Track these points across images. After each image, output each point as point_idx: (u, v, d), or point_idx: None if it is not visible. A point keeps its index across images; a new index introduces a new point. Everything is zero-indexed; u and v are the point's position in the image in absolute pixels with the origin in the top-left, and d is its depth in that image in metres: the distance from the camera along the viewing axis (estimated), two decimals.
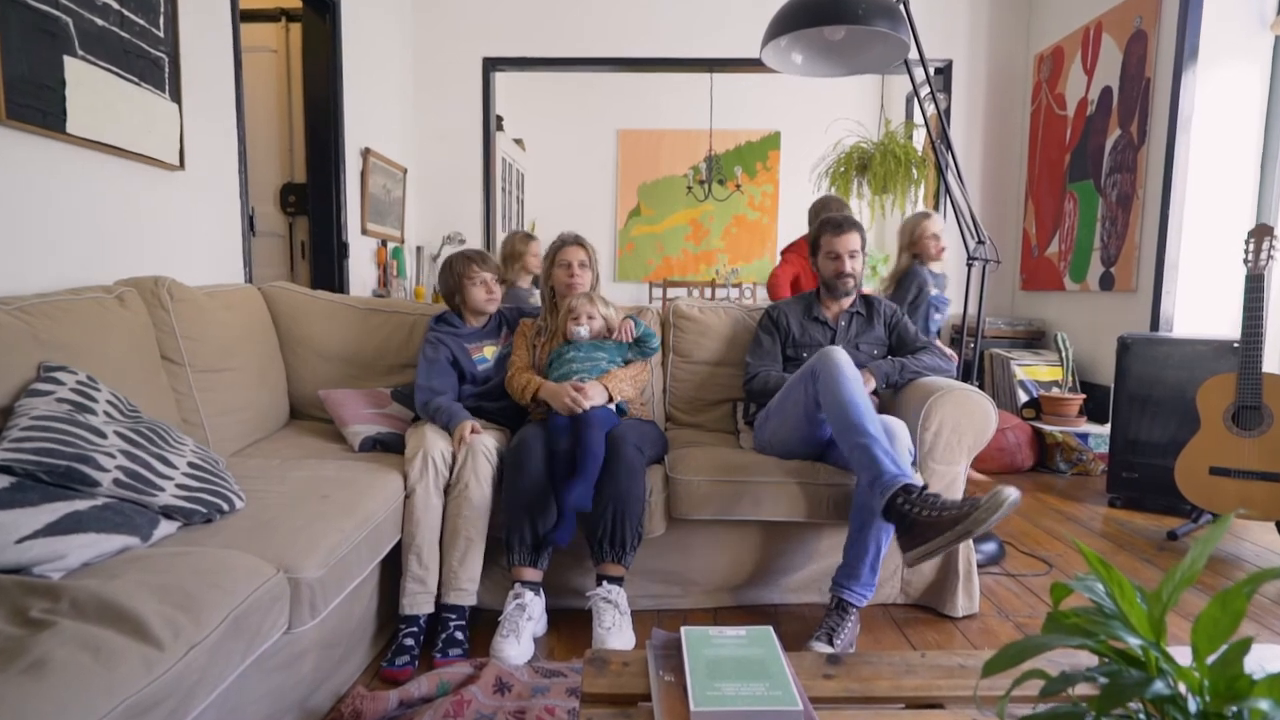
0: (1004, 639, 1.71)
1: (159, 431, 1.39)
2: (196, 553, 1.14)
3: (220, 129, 2.34)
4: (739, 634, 1.14)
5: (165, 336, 1.73)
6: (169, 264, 2.05)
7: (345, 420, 1.97)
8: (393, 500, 1.60)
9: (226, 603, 1.01)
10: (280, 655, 1.22)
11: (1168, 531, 2.40)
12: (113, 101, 1.82)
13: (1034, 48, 4.01)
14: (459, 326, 2.01)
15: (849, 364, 1.69)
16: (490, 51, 3.96)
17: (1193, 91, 2.97)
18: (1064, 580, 0.78)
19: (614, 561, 1.70)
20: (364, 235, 3.36)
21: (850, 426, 1.60)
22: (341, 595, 1.34)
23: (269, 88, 3.12)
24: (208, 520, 1.31)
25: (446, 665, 1.50)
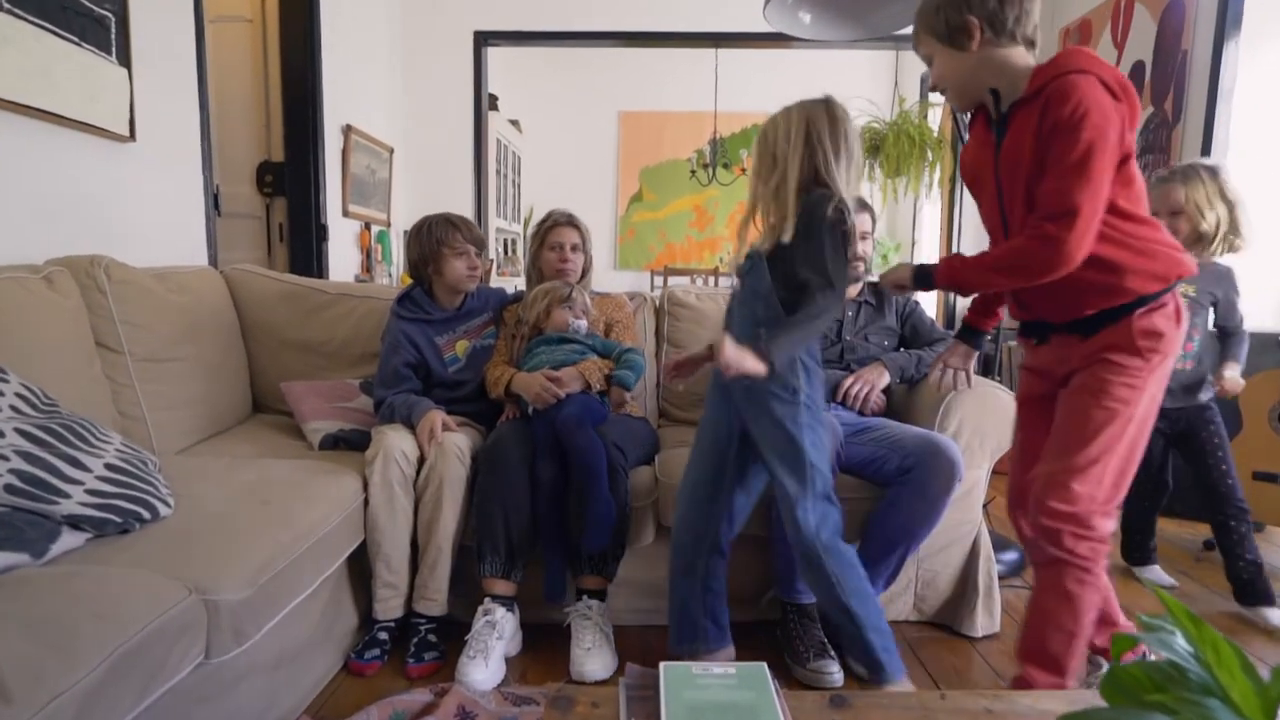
0: None
1: (76, 429, 1.23)
2: (93, 573, 0.98)
3: (179, 98, 2.16)
4: (727, 672, 0.97)
5: (101, 321, 1.57)
6: (118, 243, 1.89)
7: (305, 416, 1.80)
8: (347, 505, 1.44)
9: (112, 637, 0.85)
10: (205, 686, 1.06)
11: (1204, 541, 2.21)
12: (47, 63, 1.64)
13: (1059, 21, 3.77)
14: (430, 311, 1.80)
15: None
16: (482, 24, 3.76)
17: (1234, 65, 2.74)
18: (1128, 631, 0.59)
19: (594, 573, 1.54)
20: (346, 217, 3.19)
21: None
22: (279, 615, 1.18)
23: (243, 59, 2.94)
24: (124, 531, 1.15)
25: (401, 697, 1.34)
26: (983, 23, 1.14)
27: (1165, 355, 1.14)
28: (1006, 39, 1.15)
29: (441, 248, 1.74)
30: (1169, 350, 1.14)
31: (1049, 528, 1.14)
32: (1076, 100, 1.05)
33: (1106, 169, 1.06)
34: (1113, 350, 1.14)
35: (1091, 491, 1.12)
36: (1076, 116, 1.05)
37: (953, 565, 1.67)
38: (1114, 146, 1.06)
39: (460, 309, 1.84)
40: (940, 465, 1.46)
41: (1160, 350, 1.13)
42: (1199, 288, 1.74)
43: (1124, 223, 1.12)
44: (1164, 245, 1.14)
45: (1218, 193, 1.68)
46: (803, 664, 1.45)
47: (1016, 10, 1.14)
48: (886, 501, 1.52)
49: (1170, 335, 1.13)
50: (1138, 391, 1.13)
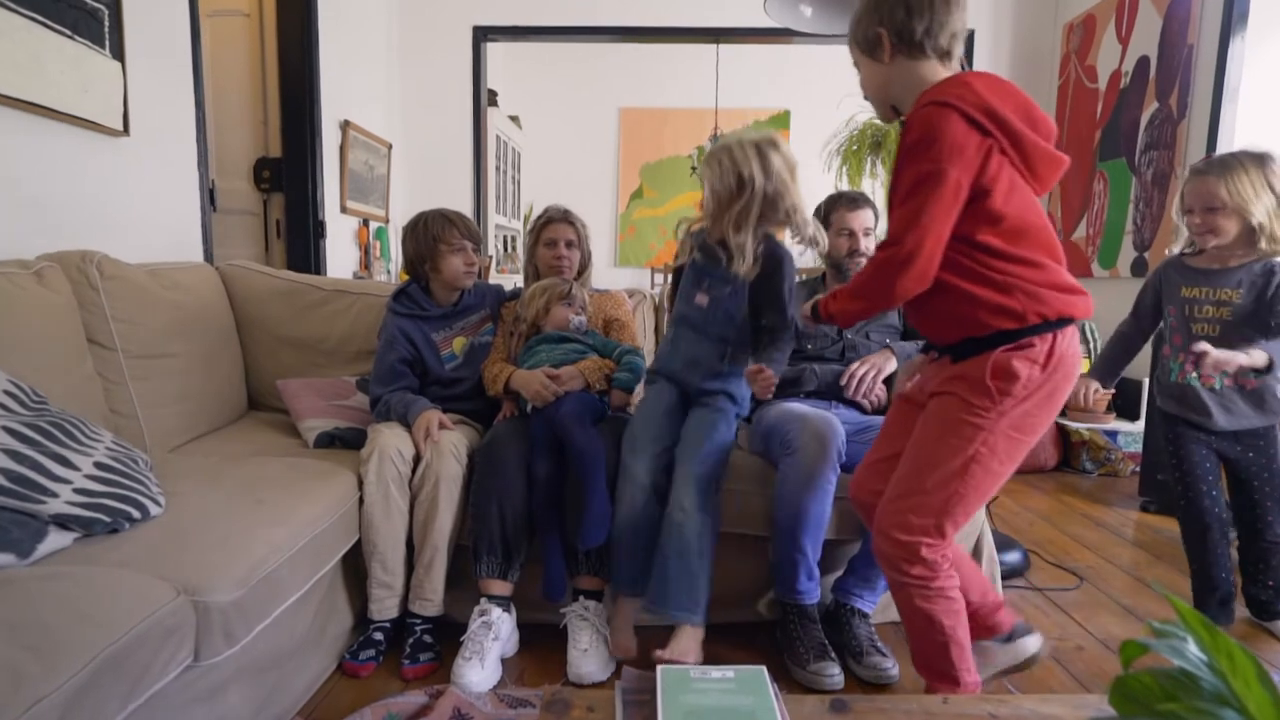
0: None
1: (65, 426, 1.21)
2: (80, 574, 0.96)
3: (174, 93, 2.14)
4: (726, 676, 0.95)
5: (93, 318, 1.55)
6: (112, 239, 1.86)
7: (300, 414, 1.78)
8: (342, 504, 1.42)
9: (97, 640, 0.83)
10: (195, 688, 1.04)
11: None
12: (38, 55, 1.62)
13: (1063, 17, 3.74)
14: (426, 308, 1.78)
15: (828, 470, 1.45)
16: (481, 19, 3.74)
17: (1240, 59, 2.72)
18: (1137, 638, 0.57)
19: (591, 573, 1.52)
20: (344, 214, 3.17)
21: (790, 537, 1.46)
22: (271, 616, 1.16)
23: (240, 54, 2.91)
24: (113, 530, 1.13)
25: (395, 699, 1.32)
26: (891, 34, 1.13)
27: (1020, 400, 1.09)
28: (916, 51, 1.13)
29: (438, 244, 1.71)
30: (1024, 395, 1.09)
31: (887, 553, 1.16)
32: (922, 133, 1.05)
33: (940, 203, 1.04)
34: (964, 382, 1.12)
35: (925, 523, 1.13)
36: (919, 149, 1.05)
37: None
38: (955, 182, 1.04)
39: (457, 305, 1.82)
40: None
41: (1013, 394, 1.09)
42: (1245, 293, 1.50)
43: (990, 258, 1.09)
44: (1028, 283, 1.08)
45: (1264, 183, 1.47)
46: (803, 666, 1.43)
47: (925, 22, 1.11)
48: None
49: (1027, 378, 1.08)
50: (982, 431, 1.10)
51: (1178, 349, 1.57)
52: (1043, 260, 1.09)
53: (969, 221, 1.07)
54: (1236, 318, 1.50)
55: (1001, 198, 1.06)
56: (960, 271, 1.10)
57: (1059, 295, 1.09)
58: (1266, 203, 1.46)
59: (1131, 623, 1.71)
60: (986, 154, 1.04)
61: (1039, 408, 1.10)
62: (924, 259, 1.06)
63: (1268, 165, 1.48)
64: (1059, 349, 1.09)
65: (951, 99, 1.04)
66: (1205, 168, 1.51)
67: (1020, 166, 1.08)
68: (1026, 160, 1.08)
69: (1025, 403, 1.09)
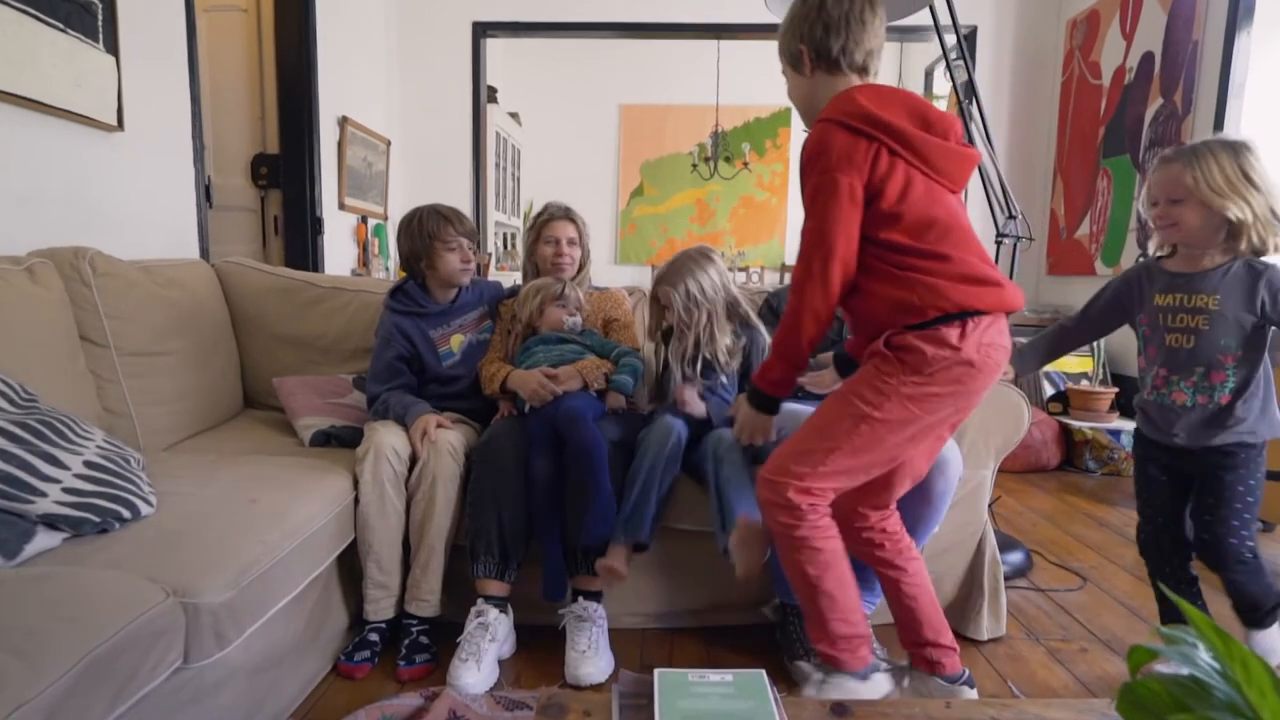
0: (1035, 667, 1.50)
1: (55, 424, 1.19)
2: (67, 575, 0.94)
3: (169, 88, 2.12)
4: (724, 679, 0.94)
5: (86, 315, 1.53)
6: (106, 235, 1.85)
7: (296, 412, 1.77)
8: (337, 504, 1.40)
9: (83, 642, 0.82)
10: (186, 690, 1.02)
11: None
12: (30, 49, 1.61)
13: (1066, 13, 3.71)
14: (424, 304, 1.75)
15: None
16: (480, 15, 3.72)
17: (1246, 55, 2.69)
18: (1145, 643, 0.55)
19: (590, 573, 1.50)
20: (342, 210, 3.15)
21: None
22: (264, 618, 1.14)
23: (238, 50, 2.90)
24: (103, 530, 1.11)
25: (390, 701, 1.30)
26: (810, 51, 1.17)
27: (926, 378, 1.08)
28: (834, 67, 1.17)
29: (433, 242, 1.69)
30: (930, 374, 1.08)
31: (762, 497, 1.17)
32: (812, 149, 1.11)
33: (839, 207, 1.08)
34: (877, 356, 1.13)
35: (800, 469, 1.12)
36: (811, 164, 1.11)
37: (957, 567, 1.63)
38: (848, 186, 1.08)
39: (455, 302, 1.79)
40: (942, 465, 1.42)
41: (918, 370, 1.08)
42: (1222, 299, 1.30)
43: (896, 255, 1.10)
44: (930, 277, 1.08)
45: (1239, 173, 1.28)
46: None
47: (842, 40, 1.15)
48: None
49: (933, 357, 1.07)
50: (880, 395, 1.09)
51: (1152, 362, 1.39)
52: (948, 252, 1.09)
53: (871, 222, 1.11)
54: (1214, 327, 1.30)
55: (896, 195, 1.09)
56: (868, 272, 1.13)
57: (962, 288, 1.08)
58: (1247, 195, 1.27)
59: (1136, 624, 1.69)
60: (875, 156, 1.08)
61: (945, 390, 1.09)
62: (833, 263, 1.09)
63: (1242, 154, 1.31)
64: (970, 338, 1.08)
65: (833, 115, 1.11)
66: (1174, 155, 1.34)
67: (919, 165, 1.10)
68: (922, 157, 1.10)
69: (930, 383, 1.08)
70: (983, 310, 1.08)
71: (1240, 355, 1.30)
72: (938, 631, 1.24)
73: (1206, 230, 1.30)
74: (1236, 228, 1.28)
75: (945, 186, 1.13)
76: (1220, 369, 1.30)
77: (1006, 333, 1.13)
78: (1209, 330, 1.31)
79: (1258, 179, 1.28)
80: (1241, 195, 1.27)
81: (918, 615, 1.24)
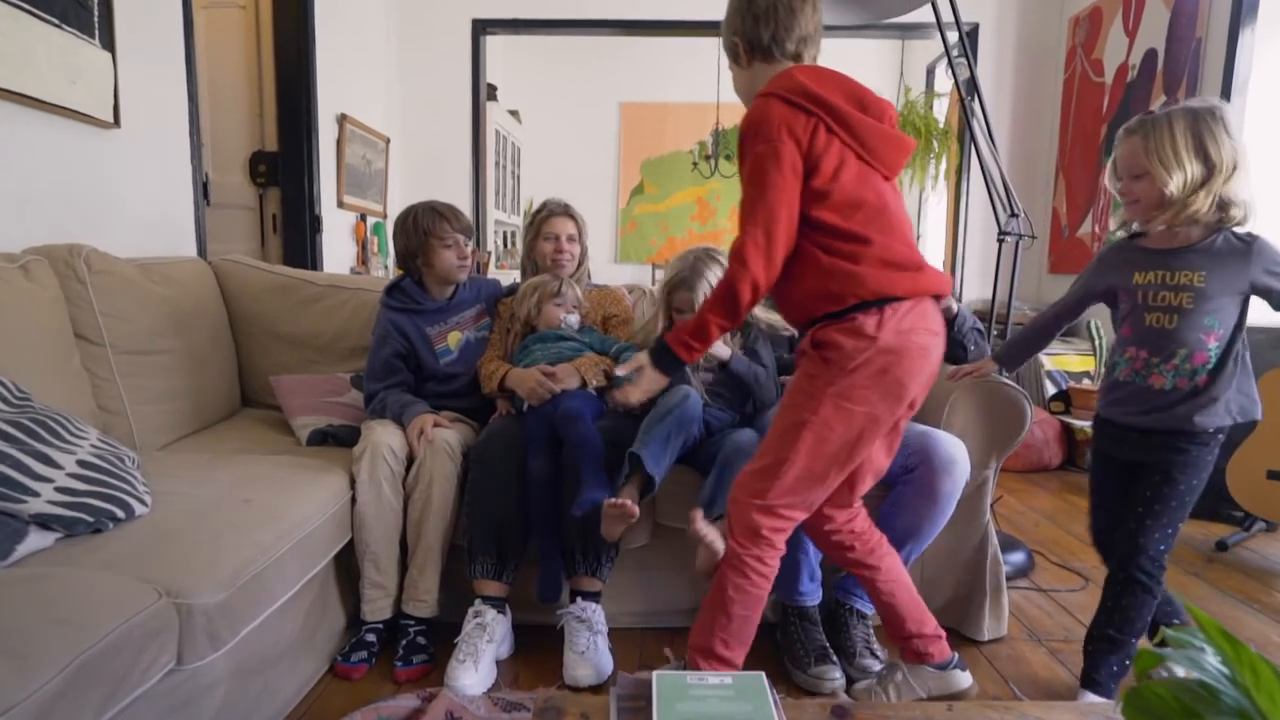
0: (1037, 668, 1.49)
1: (48, 424, 1.18)
2: (59, 576, 0.93)
3: (166, 84, 2.11)
4: (723, 681, 0.93)
5: (81, 313, 1.52)
6: (102, 233, 1.83)
7: (293, 411, 1.76)
8: (333, 503, 1.39)
9: (74, 644, 0.81)
10: (180, 692, 1.01)
11: (1216, 541, 2.16)
12: (27, 45, 1.59)
13: (1068, 10, 3.69)
14: (420, 302, 1.74)
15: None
16: (480, 12, 3.70)
17: (1250, 52, 2.68)
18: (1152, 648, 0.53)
19: (588, 574, 1.49)
20: (340, 208, 3.14)
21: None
22: (259, 619, 1.13)
23: (236, 47, 2.88)
24: (96, 530, 1.10)
25: (387, 702, 1.29)
26: (744, 43, 1.20)
27: (848, 371, 1.08)
28: (768, 56, 1.19)
29: (429, 239, 1.68)
30: (851, 367, 1.08)
31: (729, 516, 1.18)
32: (751, 121, 1.12)
33: (781, 176, 1.08)
34: (804, 356, 1.15)
35: (760, 486, 1.13)
36: (750, 136, 1.12)
37: (959, 567, 1.62)
38: (790, 155, 1.08)
39: (452, 299, 1.78)
40: (945, 463, 1.41)
41: (839, 364, 1.09)
42: (1209, 275, 1.22)
43: (822, 235, 1.11)
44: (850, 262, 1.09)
45: (1190, 145, 1.18)
46: (803, 669, 1.40)
47: (772, 29, 1.17)
48: (889, 501, 1.47)
49: (852, 349, 1.08)
50: (812, 398, 1.10)
51: (1126, 341, 1.30)
52: (871, 236, 1.10)
53: (803, 198, 1.11)
54: (1200, 305, 1.22)
55: (830, 173, 1.10)
56: (794, 253, 1.13)
57: (880, 274, 1.09)
58: (1189, 167, 1.17)
59: None
60: (813, 131, 1.10)
61: (871, 381, 1.09)
62: (774, 238, 1.09)
63: (1203, 122, 1.18)
64: (887, 325, 1.08)
65: (773, 89, 1.12)
66: (1135, 126, 1.25)
67: (854, 146, 1.11)
68: (858, 139, 1.11)
69: (853, 375, 1.09)
70: (901, 296, 1.09)
71: (1223, 336, 1.23)
72: (920, 622, 1.25)
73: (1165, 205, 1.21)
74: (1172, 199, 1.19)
75: (879, 171, 1.15)
76: (1203, 349, 1.23)
77: (932, 316, 1.13)
78: (1193, 309, 1.22)
79: (1214, 149, 1.17)
80: (1182, 167, 1.18)
81: (898, 610, 1.25)
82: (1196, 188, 1.18)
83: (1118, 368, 1.32)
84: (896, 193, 1.18)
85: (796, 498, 1.13)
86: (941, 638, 1.25)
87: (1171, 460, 1.26)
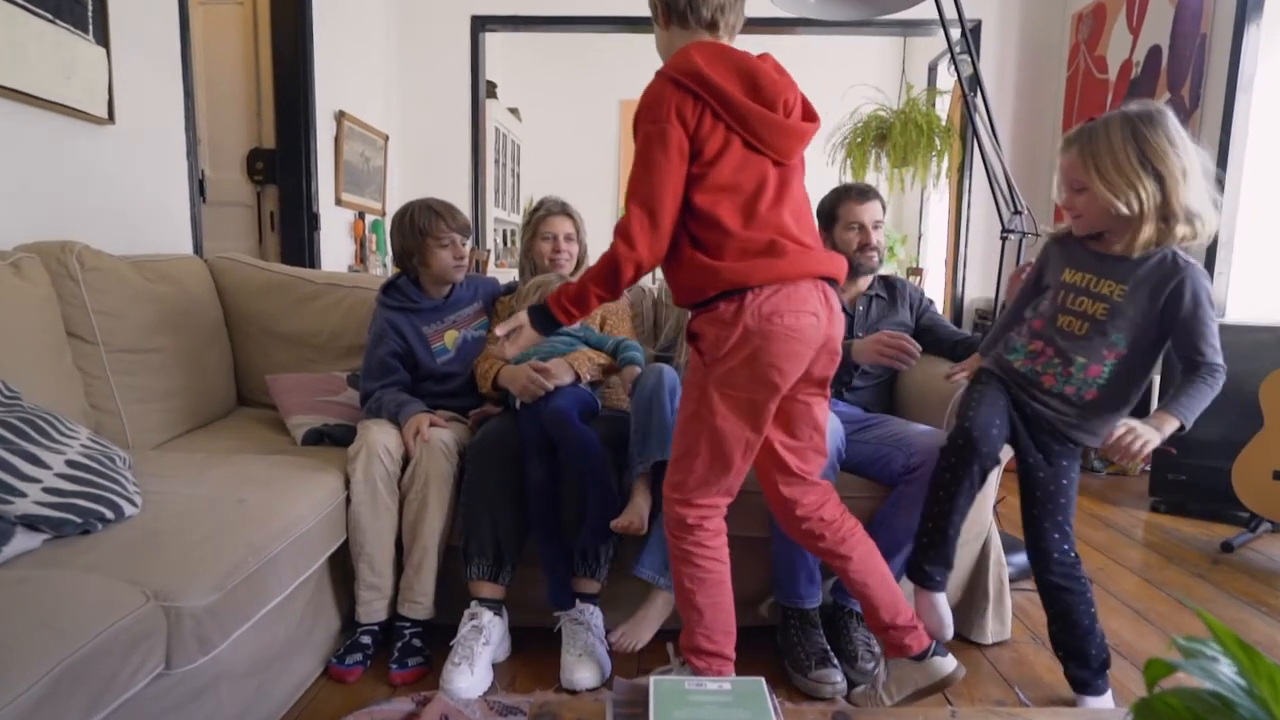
0: (1041, 671, 1.47)
1: (37, 423, 1.16)
2: (44, 578, 0.92)
3: (161, 80, 2.09)
4: (722, 687, 0.91)
5: (73, 310, 1.51)
6: (97, 231, 1.81)
7: (289, 410, 1.74)
8: (327, 504, 1.37)
9: (55, 650, 0.79)
10: (169, 697, 1.00)
11: (1221, 542, 2.14)
12: (19, 39, 1.57)
13: (1072, 6, 3.67)
14: (417, 300, 1.73)
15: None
16: (480, 9, 3.68)
17: (1255, 49, 2.65)
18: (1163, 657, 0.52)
19: (586, 576, 1.47)
20: (339, 206, 3.12)
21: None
22: (250, 621, 1.11)
23: (234, 43, 2.86)
24: (85, 531, 1.08)
25: (381, 706, 1.28)
26: (662, 5, 1.20)
27: (719, 359, 1.10)
28: (684, 21, 1.18)
29: (425, 238, 1.66)
30: (721, 354, 1.10)
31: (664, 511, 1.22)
32: (642, 100, 1.13)
33: (668, 158, 1.09)
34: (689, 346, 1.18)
35: (674, 479, 1.19)
36: (642, 115, 1.13)
37: (961, 569, 1.60)
38: (677, 137, 1.09)
39: (449, 298, 1.77)
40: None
41: (710, 353, 1.12)
42: (1130, 291, 1.16)
43: (692, 222, 1.13)
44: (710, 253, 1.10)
45: (1133, 158, 1.10)
46: (804, 673, 1.38)
47: None
48: (890, 502, 1.45)
49: (715, 339, 1.10)
50: (699, 390, 1.14)
51: (1033, 334, 1.25)
52: (734, 225, 1.11)
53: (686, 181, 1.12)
54: (1112, 319, 1.17)
55: (711, 156, 1.11)
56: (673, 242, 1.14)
57: (738, 265, 1.10)
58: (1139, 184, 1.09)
59: (1143, 627, 1.66)
60: (700, 115, 1.10)
61: (744, 367, 1.10)
62: (658, 218, 1.10)
63: (1141, 132, 1.10)
64: (746, 311, 1.09)
65: (668, 69, 1.13)
66: (1074, 136, 1.18)
67: (740, 132, 1.11)
68: (745, 125, 1.11)
69: (726, 361, 1.10)
70: (755, 284, 1.09)
71: (1124, 356, 1.17)
72: (894, 613, 1.23)
73: (1112, 219, 1.15)
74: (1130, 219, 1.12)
75: (769, 157, 1.14)
76: (1100, 363, 1.18)
77: (803, 299, 1.11)
78: (1105, 321, 1.17)
79: (1159, 161, 1.10)
80: (1133, 185, 1.10)
81: (872, 600, 1.24)
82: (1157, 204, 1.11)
83: (1015, 354, 1.27)
84: (794, 174, 1.18)
85: (710, 486, 1.17)
86: (917, 628, 1.23)
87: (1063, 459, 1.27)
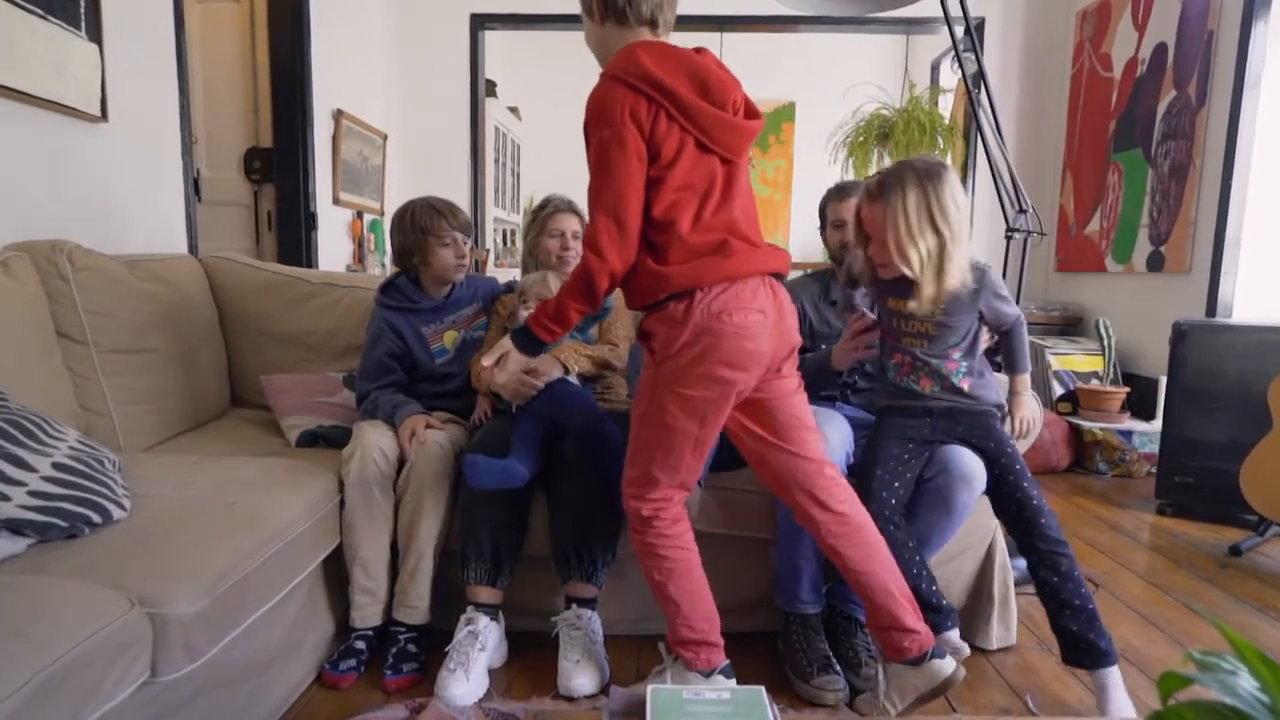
0: (1047, 678, 1.45)
1: (24, 424, 1.14)
2: (25, 585, 0.89)
3: (156, 78, 2.07)
4: (721, 696, 0.89)
5: (63, 310, 1.48)
6: (90, 230, 1.80)
7: (283, 411, 1.72)
8: (321, 506, 1.35)
9: (34, 659, 0.76)
10: (157, 704, 0.98)
11: (1230, 546, 2.11)
12: (9, 35, 1.55)
13: (1076, 3, 3.64)
14: (416, 300, 1.70)
15: None
16: (479, 7, 3.66)
17: (1263, 46, 2.62)
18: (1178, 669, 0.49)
19: (583, 580, 1.44)
20: (336, 205, 3.10)
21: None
22: (240, 628, 1.09)
23: (231, 41, 2.84)
24: (71, 536, 1.06)
25: (374, 713, 1.25)
26: (598, 2, 1.17)
27: (669, 357, 1.12)
28: (621, 18, 1.16)
29: (426, 237, 1.63)
30: (672, 353, 1.11)
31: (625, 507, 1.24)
32: (595, 105, 1.11)
33: (627, 162, 1.08)
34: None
35: (630, 475, 1.21)
36: (595, 120, 1.11)
37: (966, 574, 1.57)
38: (634, 141, 1.08)
39: (448, 298, 1.74)
40: (965, 476, 1.36)
41: (661, 352, 1.13)
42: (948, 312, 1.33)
43: (648, 228, 1.12)
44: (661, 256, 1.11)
45: (925, 213, 1.23)
46: (805, 679, 1.36)
47: None
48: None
49: (666, 337, 1.12)
50: (653, 389, 1.15)
51: (891, 349, 1.41)
52: (684, 226, 1.11)
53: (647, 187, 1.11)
54: (940, 330, 1.35)
55: (668, 159, 1.10)
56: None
57: (686, 268, 1.10)
58: (922, 246, 1.24)
59: (1150, 632, 1.63)
60: (654, 117, 1.09)
61: (695, 364, 1.11)
62: (622, 222, 1.09)
63: (929, 186, 1.24)
64: (695, 309, 1.10)
65: (616, 71, 1.10)
66: (878, 193, 1.28)
67: (694, 133, 1.11)
68: (698, 126, 1.10)
69: (676, 360, 1.11)
70: (704, 285, 1.09)
71: (963, 341, 1.38)
72: (893, 616, 1.20)
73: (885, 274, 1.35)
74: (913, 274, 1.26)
75: (718, 154, 1.14)
76: (951, 360, 1.37)
77: (750, 296, 1.11)
78: (938, 335, 1.36)
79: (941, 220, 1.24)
80: (914, 244, 1.24)
81: (873, 600, 1.21)
82: (935, 260, 1.25)
83: (889, 371, 1.42)
84: (739, 170, 1.17)
85: (661, 482, 1.19)
86: (917, 632, 1.20)
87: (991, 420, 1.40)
